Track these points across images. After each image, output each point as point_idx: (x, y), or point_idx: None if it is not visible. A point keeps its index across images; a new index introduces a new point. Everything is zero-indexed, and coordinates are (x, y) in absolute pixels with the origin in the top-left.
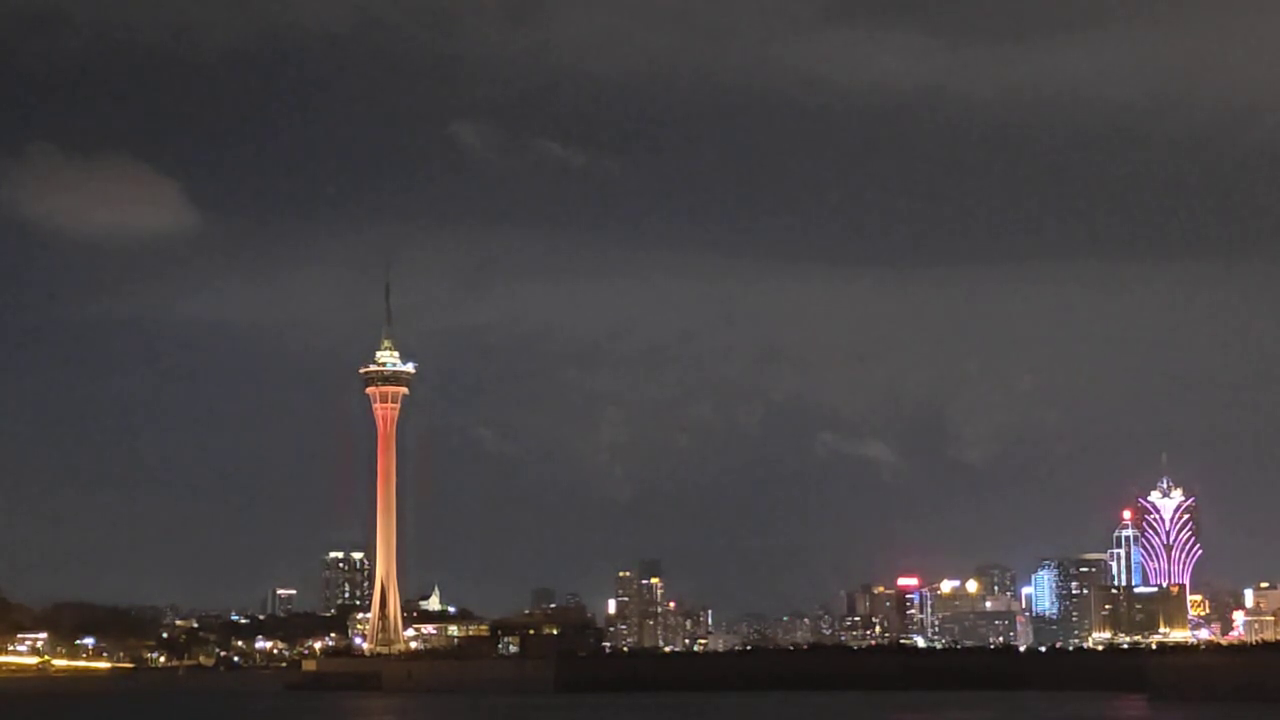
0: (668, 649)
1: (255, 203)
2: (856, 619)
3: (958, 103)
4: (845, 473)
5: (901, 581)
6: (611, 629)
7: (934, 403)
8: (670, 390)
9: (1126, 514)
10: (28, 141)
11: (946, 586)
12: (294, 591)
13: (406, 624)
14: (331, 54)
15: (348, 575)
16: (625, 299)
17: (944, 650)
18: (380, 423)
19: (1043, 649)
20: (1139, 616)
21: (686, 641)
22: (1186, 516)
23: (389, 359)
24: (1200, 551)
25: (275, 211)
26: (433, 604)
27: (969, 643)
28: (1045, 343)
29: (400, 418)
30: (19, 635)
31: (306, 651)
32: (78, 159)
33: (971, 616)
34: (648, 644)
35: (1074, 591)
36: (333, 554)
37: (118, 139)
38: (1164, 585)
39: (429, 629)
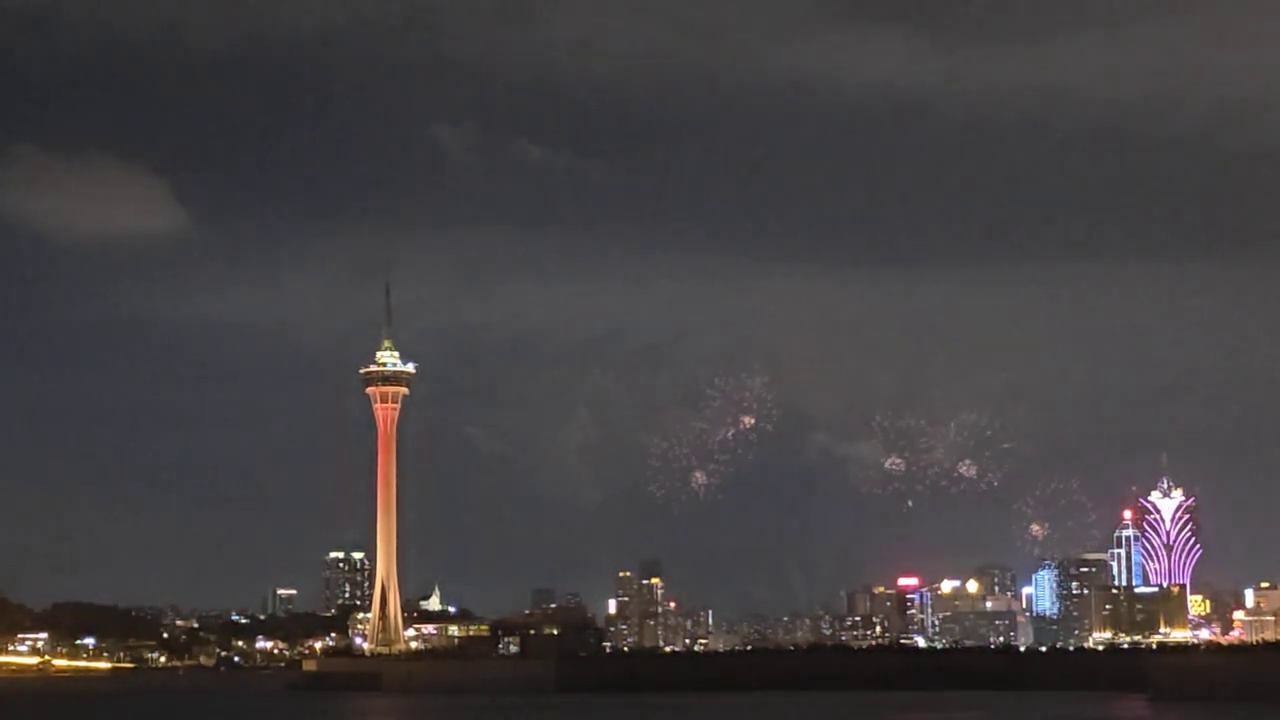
0: (668, 649)
1: (248, 202)
2: (857, 619)
3: (954, 102)
4: (843, 472)
5: (901, 581)
6: (611, 629)
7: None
8: (667, 390)
9: (1126, 514)
10: (12, 142)
11: (947, 586)
12: (294, 591)
13: (407, 624)
14: (322, 53)
15: (348, 575)
16: (622, 299)
17: (944, 650)
18: (380, 423)
19: (1043, 649)
20: (1139, 616)
21: (686, 641)
22: (1186, 516)
23: (389, 359)
24: (1200, 551)
25: (270, 211)
26: (433, 604)
27: (969, 643)
28: (1046, 342)
29: (400, 418)
30: (19, 635)
31: (307, 651)
32: (64, 160)
33: (972, 616)
34: (648, 644)
35: (1074, 591)
36: (333, 554)
37: (105, 139)
38: (1164, 585)
39: (429, 629)
